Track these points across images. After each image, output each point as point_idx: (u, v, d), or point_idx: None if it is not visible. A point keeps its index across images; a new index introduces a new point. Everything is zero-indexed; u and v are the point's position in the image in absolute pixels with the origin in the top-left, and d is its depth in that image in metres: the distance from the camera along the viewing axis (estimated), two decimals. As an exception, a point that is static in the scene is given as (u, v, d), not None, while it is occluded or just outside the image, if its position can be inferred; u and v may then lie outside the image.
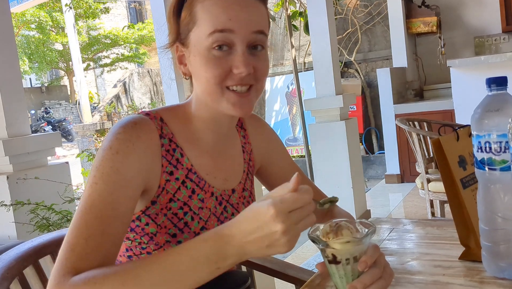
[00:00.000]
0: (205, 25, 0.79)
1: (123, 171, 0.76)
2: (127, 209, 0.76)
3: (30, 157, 2.13)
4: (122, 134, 0.78)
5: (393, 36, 5.47)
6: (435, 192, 2.60)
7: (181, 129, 0.88)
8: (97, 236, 0.72)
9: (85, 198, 0.75)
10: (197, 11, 0.80)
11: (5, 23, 2.12)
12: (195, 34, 0.81)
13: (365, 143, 6.41)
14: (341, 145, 3.39)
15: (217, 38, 0.78)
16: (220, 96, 0.81)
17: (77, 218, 0.74)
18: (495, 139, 0.77)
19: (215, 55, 0.79)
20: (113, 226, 0.74)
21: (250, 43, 0.80)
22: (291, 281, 1.18)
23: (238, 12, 0.79)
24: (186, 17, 0.82)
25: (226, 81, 0.80)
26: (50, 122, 16.13)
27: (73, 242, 0.72)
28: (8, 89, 2.09)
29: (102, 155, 0.77)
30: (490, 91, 0.79)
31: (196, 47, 0.81)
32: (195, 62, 0.82)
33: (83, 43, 16.30)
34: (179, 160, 0.86)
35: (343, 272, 0.69)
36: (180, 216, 0.85)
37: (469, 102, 1.49)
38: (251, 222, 0.64)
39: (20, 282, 0.93)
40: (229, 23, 0.78)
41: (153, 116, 0.85)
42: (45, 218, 1.92)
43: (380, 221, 1.22)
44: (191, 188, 0.86)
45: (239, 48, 0.79)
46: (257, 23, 0.80)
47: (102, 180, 0.75)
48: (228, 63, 0.79)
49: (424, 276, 0.85)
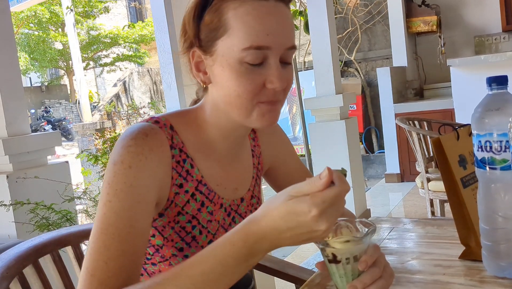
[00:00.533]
0: (239, 37, 0.74)
1: (138, 186, 0.73)
2: (145, 225, 0.73)
3: (30, 156, 2.13)
4: (134, 147, 0.74)
5: (393, 35, 5.47)
6: (435, 191, 2.60)
7: (192, 137, 0.84)
8: (118, 257, 0.69)
9: (100, 218, 0.71)
10: (228, 18, 0.74)
11: (4, 22, 2.12)
12: (225, 43, 0.75)
13: (365, 143, 6.41)
14: (341, 144, 3.38)
15: (253, 55, 0.74)
16: (250, 111, 0.77)
17: (93, 240, 0.71)
18: (496, 138, 0.76)
19: (248, 69, 0.74)
20: (133, 244, 0.71)
21: (283, 59, 0.77)
22: (291, 281, 1.18)
23: (275, 25, 0.75)
24: (213, 22, 0.76)
25: (259, 96, 0.76)
26: (50, 121, 16.13)
27: (92, 267, 0.69)
28: (7, 88, 2.09)
29: (113, 170, 0.73)
30: (491, 90, 0.79)
31: (225, 57, 0.75)
32: (222, 73, 0.76)
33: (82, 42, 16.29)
34: (189, 171, 0.82)
35: (343, 271, 0.69)
36: (188, 230, 0.82)
37: (469, 101, 1.48)
38: (288, 221, 0.61)
39: (20, 282, 0.92)
40: (267, 39, 0.74)
41: (163, 125, 0.81)
42: (44, 218, 1.92)
43: (380, 220, 1.22)
44: (200, 201, 0.83)
45: (273, 62, 0.75)
46: (291, 38, 0.78)
47: (116, 196, 0.71)
48: (261, 77, 0.75)
49: (424, 275, 0.85)
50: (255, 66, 0.75)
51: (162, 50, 3.71)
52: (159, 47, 3.76)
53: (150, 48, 17.06)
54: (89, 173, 3.49)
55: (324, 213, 0.60)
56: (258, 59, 0.74)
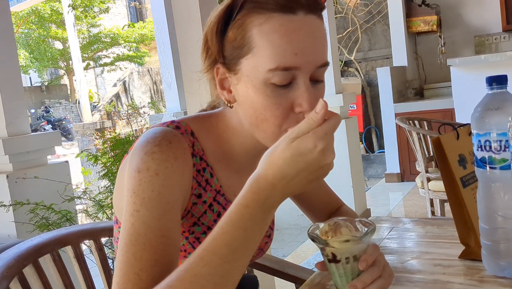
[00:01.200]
0: (264, 57, 0.68)
1: (166, 194, 0.68)
2: (176, 235, 0.69)
3: (30, 156, 2.13)
4: (159, 154, 0.69)
5: (393, 35, 5.47)
6: (435, 191, 2.60)
7: (213, 146, 0.80)
8: (151, 267, 0.64)
9: (128, 229, 0.66)
10: (252, 35, 0.69)
11: (4, 22, 2.12)
12: (249, 62, 0.70)
13: (365, 142, 6.41)
14: (341, 143, 3.38)
15: (279, 76, 0.68)
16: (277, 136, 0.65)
17: (122, 253, 0.65)
18: (495, 138, 0.76)
19: (274, 92, 0.69)
20: (166, 254, 0.66)
21: (313, 78, 0.71)
22: (291, 280, 1.18)
23: (304, 42, 0.68)
24: (237, 39, 0.70)
25: (288, 122, 0.70)
26: (50, 121, 16.12)
27: (123, 281, 0.64)
28: (7, 88, 2.09)
29: (138, 178, 0.68)
30: (491, 89, 0.79)
31: (250, 77, 0.70)
32: (247, 94, 0.71)
33: (83, 41, 16.29)
34: (209, 180, 0.79)
35: (343, 271, 0.69)
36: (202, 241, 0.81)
37: (469, 101, 1.48)
38: (296, 164, 0.59)
39: (20, 281, 0.92)
40: (295, 59, 0.67)
41: (184, 130, 0.77)
42: (44, 218, 1.92)
43: (380, 220, 1.22)
44: (217, 212, 0.80)
45: (302, 83, 0.69)
46: (323, 54, 0.71)
47: (144, 206, 0.67)
48: (289, 100, 0.69)
49: (424, 275, 0.85)
50: (282, 87, 0.69)
51: (162, 50, 3.72)
52: (159, 47, 3.77)
53: (150, 48, 17.06)
54: (89, 173, 3.49)
55: (329, 144, 0.60)
56: (285, 80, 0.68)
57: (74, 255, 1.06)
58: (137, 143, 0.73)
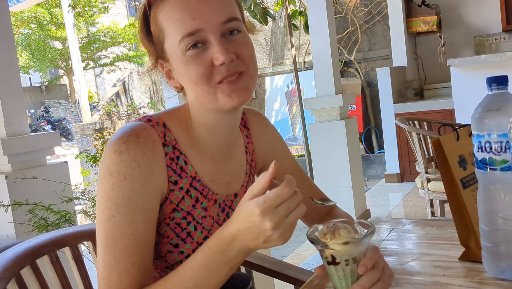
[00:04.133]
0: (172, 34, 0.77)
1: (135, 197, 0.75)
2: (148, 234, 0.77)
3: (29, 156, 2.12)
4: (126, 155, 0.75)
5: (393, 35, 5.47)
6: (435, 192, 2.59)
7: (184, 134, 0.85)
8: (128, 270, 0.74)
9: (107, 232, 0.75)
10: (161, 21, 0.78)
11: (3, 22, 2.11)
12: (168, 45, 0.79)
13: (364, 143, 6.41)
14: (341, 144, 3.38)
15: (188, 42, 0.76)
16: (214, 94, 0.77)
17: (103, 253, 0.75)
18: (496, 139, 0.76)
19: (192, 55, 0.76)
20: (140, 256, 0.75)
21: (223, 33, 0.77)
22: (290, 282, 1.17)
23: (199, 7, 0.76)
24: (156, 32, 0.81)
25: (214, 77, 0.77)
26: (49, 121, 16.12)
27: (108, 279, 0.75)
28: (6, 88, 2.09)
29: (111, 182, 0.75)
30: (491, 90, 0.78)
31: (174, 57, 0.79)
32: (179, 71, 0.80)
33: (82, 40, 16.27)
34: (183, 167, 0.83)
35: (342, 273, 0.68)
36: (183, 226, 0.83)
37: (469, 101, 1.48)
38: (244, 223, 0.66)
39: (17, 283, 0.92)
40: (194, 23, 0.75)
41: (155, 122, 0.82)
42: (43, 218, 1.91)
43: (379, 221, 1.21)
44: (195, 197, 0.84)
45: (213, 40, 0.76)
46: (223, 12, 0.77)
47: (117, 211, 0.74)
48: (207, 58, 0.76)
49: (423, 276, 0.85)
50: (197, 50, 0.76)
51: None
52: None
53: (150, 48, 17.02)
54: (88, 173, 3.49)
55: (266, 211, 0.63)
56: (196, 43, 0.76)
57: (72, 256, 1.05)
58: (109, 140, 0.79)
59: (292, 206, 0.65)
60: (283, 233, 0.64)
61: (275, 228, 0.64)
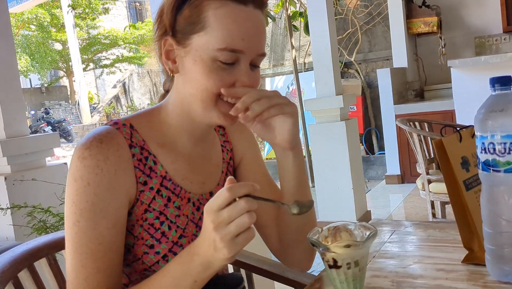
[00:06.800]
0: (216, 37, 0.77)
1: (98, 202, 0.76)
2: (113, 238, 0.77)
3: (28, 157, 2.11)
4: (89, 160, 0.76)
5: (393, 36, 5.46)
6: (436, 193, 2.58)
7: (154, 134, 0.86)
8: (94, 275, 0.76)
9: (73, 238, 0.76)
10: (207, 16, 0.77)
11: (3, 23, 2.11)
12: (201, 39, 0.78)
13: (365, 144, 6.40)
14: (341, 145, 3.37)
15: (226, 56, 0.77)
16: (213, 105, 0.79)
17: (70, 257, 0.77)
18: (499, 140, 0.75)
19: (220, 67, 0.78)
20: (106, 260, 0.76)
21: (252, 63, 0.81)
22: (290, 285, 1.16)
23: (250, 31, 0.78)
24: (192, 17, 0.79)
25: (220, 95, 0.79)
26: (49, 122, 16.11)
27: (75, 283, 0.76)
28: (6, 89, 2.08)
29: (75, 187, 0.76)
30: (494, 91, 0.77)
31: (199, 52, 0.78)
32: (194, 66, 0.79)
33: (82, 42, 16.28)
34: (152, 168, 0.83)
35: (344, 277, 0.67)
36: (157, 226, 0.83)
37: (470, 102, 1.47)
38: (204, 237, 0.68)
39: (15, 286, 0.91)
40: (242, 44, 0.77)
41: (122, 125, 0.83)
42: (42, 221, 1.90)
43: (381, 223, 1.20)
44: (166, 196, 0.84)
45: (244, 65, 0.79)
46: (262, 45, 0.82)
47: (82, 217, 0.76)
48: (232, 77, 0.79)
49: (426, 280, 0.84)
50: (226, 65, 0.78)
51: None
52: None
53: (150, 49, 17.06)
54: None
55: (218, 228, 0.65)
56: (230, 60, 0.78)
57: (71, 259, 1.04)
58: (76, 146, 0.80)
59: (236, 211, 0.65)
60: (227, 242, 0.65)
61: (216, 229, 0.65)
